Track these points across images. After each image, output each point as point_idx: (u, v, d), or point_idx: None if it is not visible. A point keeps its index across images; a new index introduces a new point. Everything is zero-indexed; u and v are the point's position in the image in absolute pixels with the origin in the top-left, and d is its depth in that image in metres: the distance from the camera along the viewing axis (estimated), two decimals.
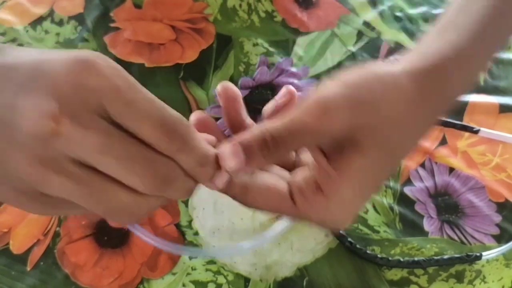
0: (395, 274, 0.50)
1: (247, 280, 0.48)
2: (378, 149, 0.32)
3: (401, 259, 0.50)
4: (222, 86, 0.35)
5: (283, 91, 0.37)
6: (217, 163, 0.30)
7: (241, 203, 0.34)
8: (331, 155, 0.32)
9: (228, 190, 0.33)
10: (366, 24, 0.71)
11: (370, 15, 0.72)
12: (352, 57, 0.67)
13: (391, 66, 0.34)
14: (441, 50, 0.35)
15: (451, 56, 0.35)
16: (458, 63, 0.35)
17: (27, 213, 0.50)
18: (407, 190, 0.56)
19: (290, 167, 0.36)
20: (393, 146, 0.33)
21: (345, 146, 0.31)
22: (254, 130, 0.31)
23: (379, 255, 0.50)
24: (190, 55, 0.64)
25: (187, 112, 0.48)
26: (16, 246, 0.48)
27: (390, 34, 0.70)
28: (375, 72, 0.33)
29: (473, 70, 0.38)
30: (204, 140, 0.30)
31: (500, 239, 0.53)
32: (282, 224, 0.37)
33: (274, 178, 0.34)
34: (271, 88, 0.62)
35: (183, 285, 0.48)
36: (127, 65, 0.60)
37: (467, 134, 0.61)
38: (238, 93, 0.36)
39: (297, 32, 0.68)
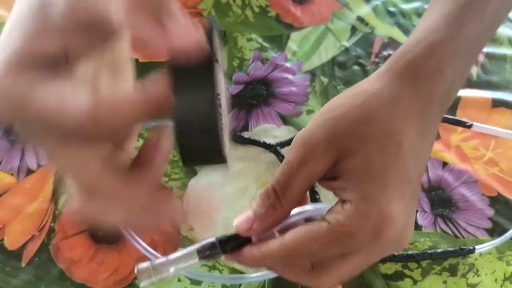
0: (389, 268, 0.50)
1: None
2: (367, 144, 0.32)
3: (395, 253, 0.50)
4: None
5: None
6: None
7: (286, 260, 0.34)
8: (336, 175, 0.33)
9: (269, 251, 0.34)
10: (360, 19, 0.71)
11: (364, 10, 0.72)
12: (346, 52, 0.67)
13: (369, 83, 0.35)
14: (417, 63, 0.36)
15: (438, 48, 0.36)
16: (447, 55, 0.36)
17: (22, 209, 0.50)
18: None
19: None
20: (384, 135, 0.33)
21: (339, 161, 0.33)
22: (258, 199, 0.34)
23: None
24: None
25: None
26: (11, 242, 0.48)
27: (384, 29, 0.70)
28: (351, 99, 0.34)
29: (463, 62, 0.38)
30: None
31: (492, 232, 0.54)
32: None
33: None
34: (265, 83, 0.62)
35: (179, 280, 0.48)
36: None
37: (460, 128, 0.61)
38: None
39: (291, 27, 0.68)
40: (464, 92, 0.64)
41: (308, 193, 0.36)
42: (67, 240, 0.49)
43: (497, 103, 0.64)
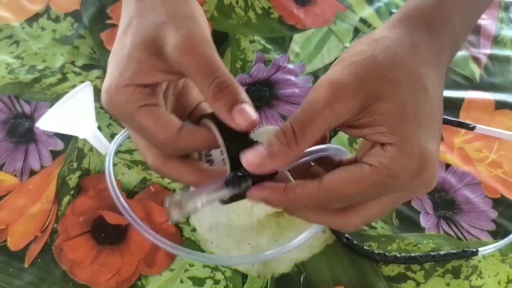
0: (392, 270, 0.50)
1: (244, 276, 0.49)
2: (400, 88, 0.32)
3: (398, 255, 0.50)
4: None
5: None
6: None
7: (325, 203, 0.34)
8: (367, 121, 0.33)
9: (306, 193, 0.33)
10: (363, 20, 0.71)
11: (367, 12, 0.72)
12: None
13: (388, 30, 0.35)
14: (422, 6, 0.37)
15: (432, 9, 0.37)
16: (458, 5, 0.37)
17: (25, 210, 0.50)
18: None
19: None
20: (415, 78, 0.33)
21: (371, 104, 0.32)
22: (274, 131, 0.32)
23: (376, 251, 0.50)
24: None
25: None
26: (14, 243, 0.48)
27: None
28: (374, 44, 0.34)
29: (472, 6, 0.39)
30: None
31: (496, 235, 0.54)
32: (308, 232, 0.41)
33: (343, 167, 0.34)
34: (268, 85, 0.62)
35: (181, 281, 0.48)
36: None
37: (463, 130, 0.61)
38: None
39: (293, 29, 0.68)
40: (467, 94, 0.64)
41: (327, 134, 0.35)
42: (70, 241, 0.49)
43: (500, 105, 0.64)
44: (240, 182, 0.33)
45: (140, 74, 0.34)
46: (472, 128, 0.60)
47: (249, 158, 0.32)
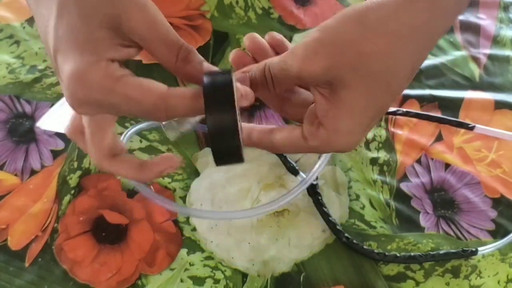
0: (391, 269, 0.50)
1: (244, 275, 0.49)
2: (363, 84, 0.34)
3: (398, 254, 0.50)
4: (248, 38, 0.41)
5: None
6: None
7: (268, 150, 0.40)
8: (324, 91, 0.35)
9: (260, 143, 0.39)
10: None
11: None
12: None
13: (370, 2, 0.35)
14: None
15: None
16: None
17: (25, 209, 0.50)
18: (403, 186, 0.56)
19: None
20: (381, 80, 0.34)
21: (333, 84, 0.35)
22: (259, 65, 0.37)
23: (375, 251, 0.50)
24: None
25: None
26: (14, 242, 0.48)
27: None
28: (353, 12, 0.35)
29: None
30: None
31: (495, 234, 0.54)
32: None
33: (290, 127, 0.39)
34: None
35: (181, 280, 0.48)
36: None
37: (463, 130, 0.61)
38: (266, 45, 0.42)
39: (293, 29, 0.68)
40: (467, 94, 0.64)
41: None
42: (70, 240, 0.49)
43: (500, 105, 0.64)
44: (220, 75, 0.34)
45: (107, 49, 0.33)
46: (472, 128, 0.60)
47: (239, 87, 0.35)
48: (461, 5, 0.37)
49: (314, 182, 0.53)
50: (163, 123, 0.38)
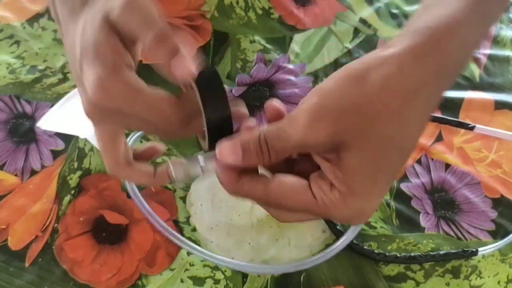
0: (392, 270, 0.50)
1: (244, 275, 0.49)
2: (371, 146, 0.32)
3: (398, 255, 0.50)
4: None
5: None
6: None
7: (265, 205, 0.36)
8: (329, 157, 0.33)
9: (250, 192, 0.34)
10: (363, 21, 0.71)
11: (367, 12, 0.72)
12: (349, 54, 0.67)
13: (372, 58, 0.33)
14: (429, 24, 0.34)
15: (441, 28, 0.34)
16: (451, 34, 0.34)
17: (25, 209, 0.50)
18: (403, 186, 0.56)
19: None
20: (390, 137, 0.32)
21: (337, 149, 0.32)
22: (253, 132, 0.33)
23: (376, 251, 0.50)
24: None
25: None
26: (14, 243, 0.48)
27: (387, 31, 0.70)
28: (352, 72, 0.33)
29: (470, 38, 0.36)
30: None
31: (495, 234, 0.54)
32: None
33: (294, 177, 0.35)
34: (268, 85, 0.62)
35: (181, 281, 0.48)
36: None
37: (463, 130, 0.61)
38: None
39: (294, 29, 0.69)
40: (467, 94, 0.64)
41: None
42: (71, 240, 0.49)
43: (500, 105, 0.64)
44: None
45: (122, 55, 0.33)
46: (472, 128, 0.60)
47: (223, 149, 0.33)
48: (468, 54, 0.37)
49: None
50: (169, 163, 0.37)
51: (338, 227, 0.51)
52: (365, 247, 0.51)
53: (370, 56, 0.34)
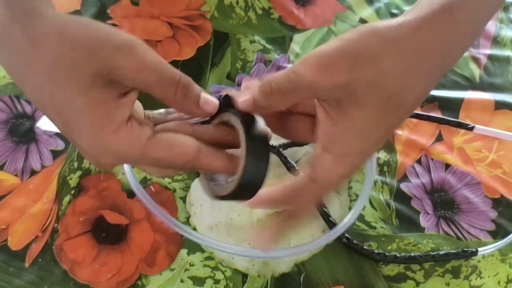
0: (391, 270, 0.50)
1: (245, 276, 0.49)
2: (377, 101, 0.32)
3: (398, 255, 0.50)
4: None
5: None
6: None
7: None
8: (331, 111, 0.33)
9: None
10: (363, 21, 0.71)
11: (367, 12, 0.72)
12: None
13: (391, 21, 0.33)
14: None
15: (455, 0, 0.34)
16: (464, 6, 0.34)
17: (25, 209, 0.50)
18: (403, 186, 0.56)
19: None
20: (395, 98, 0.33)
21: (343, 100, 0.32)
22: (261, 85, 0.33)
23: (376, 251, 0.50)
24: (187, 52, 0.64)
25: None
26: (14, 243, 0.48)
27: None
28: (374, 27, 0.33)
29: (480, 13, 0.36)
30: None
31: (495, 235, 0.54)
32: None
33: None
34: None
35: (181, 281, 0.48)
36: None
37: (463, 130, 0.61)
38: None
39: (294, 29, 0.69)
40: (467, 94, 0.64)
41: None
42: (71, 240, 0.49)
43: (500, 105, 0.64)
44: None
45: (116, 108, 0.32)
46: (471, 129, 0.60)
47: (241, 98, 0.34)
48: (480, 25, 0.36)
49: None
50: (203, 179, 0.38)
51: (330, 219, 0.51)
52: (365, 247, 0.51)
53: (389, 20, 0.34)
